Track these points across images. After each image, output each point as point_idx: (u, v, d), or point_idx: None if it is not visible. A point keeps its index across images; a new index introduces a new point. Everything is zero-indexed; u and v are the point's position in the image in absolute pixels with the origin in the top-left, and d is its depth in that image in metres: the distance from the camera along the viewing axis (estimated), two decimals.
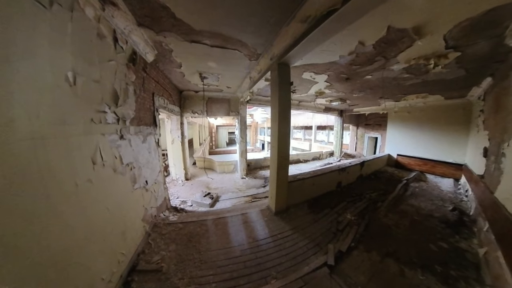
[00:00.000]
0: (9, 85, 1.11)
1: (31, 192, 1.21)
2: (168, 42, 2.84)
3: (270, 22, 2.38)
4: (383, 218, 3.63)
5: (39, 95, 1.32)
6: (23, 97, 1.20)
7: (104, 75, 2.03)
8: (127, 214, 2.39)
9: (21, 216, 1.15)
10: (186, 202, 4.78)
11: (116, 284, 2.00)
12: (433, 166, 7.18)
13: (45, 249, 1.28)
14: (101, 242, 1.87)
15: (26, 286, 1.15)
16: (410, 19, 2.18)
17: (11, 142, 1.12)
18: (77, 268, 1.55)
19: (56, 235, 1.37)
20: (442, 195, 5.03)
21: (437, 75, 3.97)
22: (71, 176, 1.56)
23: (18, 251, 1.12)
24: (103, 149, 1.95)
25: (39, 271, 1.24)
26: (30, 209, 1.21)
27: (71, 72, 1.58)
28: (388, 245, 2.79)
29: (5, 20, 1.09)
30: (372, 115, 10.50)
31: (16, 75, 1.15)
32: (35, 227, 1.23)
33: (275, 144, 3.32)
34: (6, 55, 1.10)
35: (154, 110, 3.46)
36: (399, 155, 8.39)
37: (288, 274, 2.21)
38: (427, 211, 4.01)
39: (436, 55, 3.00)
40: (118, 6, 2.07)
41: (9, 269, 1.06)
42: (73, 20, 1.61)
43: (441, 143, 6.98)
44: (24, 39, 1.21)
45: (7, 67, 1.10)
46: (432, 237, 3.04)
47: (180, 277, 2.16)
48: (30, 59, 1.25)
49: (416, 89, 5.47)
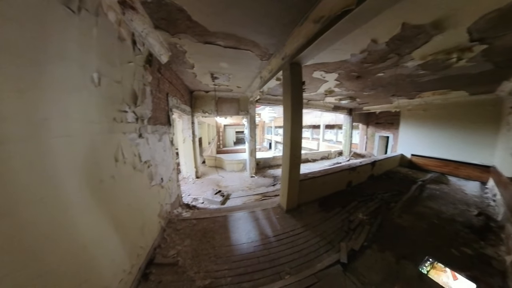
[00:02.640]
0: (44, 86, 1.19)
1: (63, 187, 1.30)
2: (182, 43, 2.92)
3: (284, 23, 2.41)
4: (396, 219, 3.57)
5: (69, 95, 1.40)
6: (55, 97, 1.28)
7: (125, 76, 2.12)
8: (145, 210, 2.49)
9: (56, 208, 1.24)
10: (197, 199, 4.89)
11: (136, 276, 2.09)
12: (456, 168, 6.67)
13: (75, 239, 1.37)
14: (123, 236, 1.96)
15: (61, 268, 1.24)
16: (428, 14, 2.14)
17: (46, 139, 1.21)
18: (103, 259, 1.65)
19: (85, 227, 1.46)
20: (466, 199, 4.75)
21: (460, 69, 3.76)
22: (97, 172, 1.65)
23: (52, 240, 1.20)
24: (124, 147, 2.04)
25: (71, 259, 1.32)
26: (64, 202, 1.30)
27: (96, 74, 1.66)
28: (404, 247, 2.75)
29: (41, 25, 1.16)
30: (383, 114, 10.20)
31: (49, 77, 1.23)
32: (67, 219, 1.32)
33: (287, 143, 3.35)
34: (41, 58, 1.17)
35: (168, 110, 3.57)
36: (413, 155, 8.00)
37: (302, 270, 2.24)
38: (449, 215, 3.84)
39: (459, 49, 2.88)
40: (137, 10, 2.15)
41: (46, 256, 1.16)
42: (98, 24, 1.70)
43: (465, 143, 6.48)
44: (57, 42, 1.28)
45: (42, 69, 1.17)
46: (454, 242, 2.92)
47: (196, 270, 2.23)
48: (61, 61, 1.32)
49: (434, 86, 5.22)
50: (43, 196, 1.15)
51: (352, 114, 10.78)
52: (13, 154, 1.00)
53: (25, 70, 1.07)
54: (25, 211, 1.04)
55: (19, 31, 1.03)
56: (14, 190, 1.00)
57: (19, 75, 1.04)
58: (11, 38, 0.99)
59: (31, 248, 1.07)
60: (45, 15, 1.19)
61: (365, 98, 7.42)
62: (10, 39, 0.98)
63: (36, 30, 1.14)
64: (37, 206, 1.11)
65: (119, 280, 1.80)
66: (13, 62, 1.00)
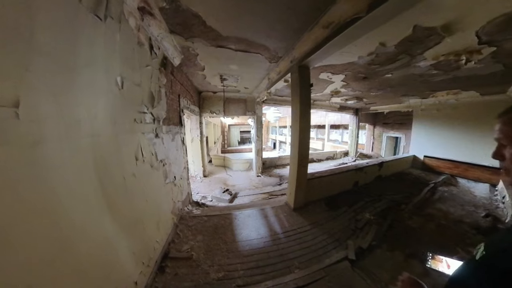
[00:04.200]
0: (75, 89, 1.27)
1: (89, 183, 1.38)
2: (195, 47, 3.03)
3: (294, 28, 2.49)
4: (407, 220, 3.60)
5: (96, 98, 1.49)
6: (85, 100, 1.37)
7: (143, 79, 2.24)
8: (161, 206, 2.61)
9: (86, 203, 1.33)
10: (206, 197, 5.01)
11: (153, 268, 2.21)
12: (466, 170, 6.55)
13: (102, 233, 1.47)
14: (142, 230, 2.09)
15: (92, 259, 1.35)
16: (439, 17, 2.16)
17: (78, 139, 1.30)
18: (126, 252, 1.76)
19: (110, 222, 1.56)
20: (474, 201, 4.76)
21: (469, 70, 3.75)
22: (120, 170, 1.75)
23: (84, 234, 1.29)
24: (143, 147, 2.16)
25: (99, 252, 1.42)
26: (92, 198, 1.39)
27: (120, 77, 1.77)
28: (412, 247, 2.80)
29: (73, 32, 1.25)
30: (391, 114, 10.03)
31: (80, 81, 1.32)
32: (95, 214, 1.41)
33: (295, 143, 3.44)
34: (73, 63, 1.26)
35: (180, 110, 3.69)
36: (426, 156, 7.77)
37: (310, 265, 2.33)
38: (456, 216, 3.87)
39: (468, 51, 2.90)
40: (155, 16, 2.26)
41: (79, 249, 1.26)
42: (121, 30, 1.81)
43: (475, 144, 6.34)
44: (86, 49, 1.37)
45: (74, 74, 1.26)
46: (461, 242, 2.96)
47: (209, 264, 2.35)
48: (90, 66, 1.41)
49: (447, 85, 5.16)
50: (74, 191, 1.23)
51: (359, 114, 10.71)
52: (51, 153, 1.07)
53: (59, 75, 1.15)
54: (60, 206, 1.11)
55: (54, 38, 1.10)
56: (51, 187, 1.06)
57: (54, 79, 1.11)
58: (47, 45, 1.06)
59: (67, 240, 1.14)
60: (76, 23, 1.27)
61: (372, 98, 7.40)
62: (46, 46, 1.05)
63: (69, 37, 1.21)
64: (70, 201, 1.17)
65: (139, 272, 1.92)
66: (49, 67, 1.08)
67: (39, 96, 1.03)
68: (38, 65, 1.01)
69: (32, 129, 0.98)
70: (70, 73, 1.23)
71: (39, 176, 1.01)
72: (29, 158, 0.96)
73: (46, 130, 1.06)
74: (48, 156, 1.06)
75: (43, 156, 1.03)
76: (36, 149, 0.99)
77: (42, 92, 1.04)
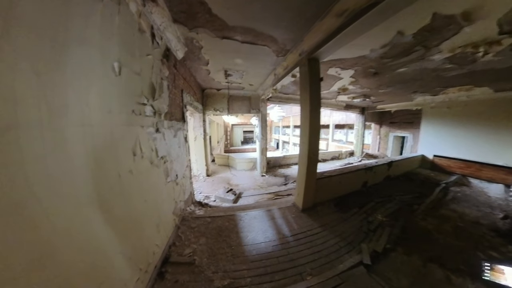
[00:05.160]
0: (64, 69, 1.10)
1: (78, 179, 1.20)
2: (199, 38, 2.87)
3: (305, 17, 2.32)
4: (421, 222, 3.42)
5: (89, 83, 1.31)
6: (76, 83, 1.19)
7: (143, 69, 2.07)
8: (161, 207, 2.44)
9: (72, 202, 1.15)
10: (209, 197, 4.84)
11: (151, 275, 2.03)
12: (478, 170, 6.28)
13: (92, 236, 1.29)
14: (140, 233, 1.91)
15: (78, 267, 1.17)
16: (461, 3, 2.00)
17: (65, 127, 1.12)
18: (121, 258, 1.57)
19: (102, 223, 1.38)
20: (490, 202, 4.57)
21: (486, 64, 3.56)
22: (114, 166, 1.57)
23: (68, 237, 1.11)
24: (142, 141, 1.98)
25: (87, 258, 1.24)
26: (81, 196, 1.21)
27: (117, 63, 1.60)
28: (430, 250, 2.62)
29: (64, 5, 1.10)
30: (399, 112, 9.78)
31: (70, 60, 1.14)
32: (84, 214, 1.23)
33: (305, 141, 3.24)
34: (63, 40, 1.09)
35: (182, 106, 3.53)
36: (436, 156, 7.49)
37: (324, 271, 2.14)
38: (473, 218, 3.68)
39: (487, 42, 2.73)
40: (157, 2, 2.11)
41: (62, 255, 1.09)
42: (120, 13, 1.65)
43: (488, 143, 6.09)
44: (79, 25, 1.21)
45: (63, 52, 1.09)
46: (480, 246, 2.79)
47: (213, 270, 2.16)
48: (83, 45, 1.24)
49: (460, 81, 4.96)
50: (58, 189, 1.05)
51: (365, 113, 10.49)
52: (27, 141, 0.90)
53: (44, 51, 0.98)
54: (39, 205, 0.94)
55: (40, 8, 0.95)
56: (27, 181, 0.90)
57: (37, 55, 0.95)
58: (31, 14, 0.90)
59: (46, 245, 0.98)
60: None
61: (380, 96, 7.18)
62: (30, 16, 0.90)
63: (59, 10, 1.06)
64: (52, 200, 1.01)
65: (136, 279, 1.74)
66: (32, 41, 0.91)
67: (17, 72, 0.86)
68: (18, 37, 0.85)
69: (5, 110, 0.81)
70: (58, 51, 1.06)
71: (12, 168, 0.83)
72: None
73: (23, 113, 0.88)
74: (24, 145, 0.88)
75: (17, 144, 0.86)
76: (8, 135, 0.82)
77: (21, 68, 0.87)
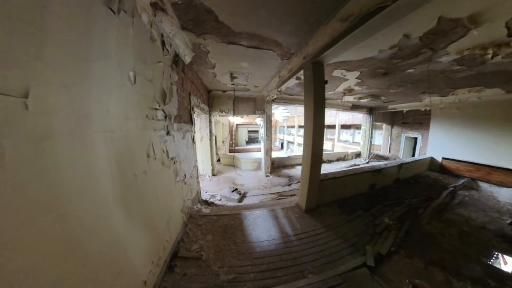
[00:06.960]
0: (88, 82, 1.23)
1: (101, 180, 1.33)
2: (206, 44, 2.98)
3: (309, 22, 2.39)
4: (426, 225, 3.42)
5: (109, 92, 1.44)
6: (97, 93, 1.32)
7: (155, 75, 2.20)
8: (171, 205, 2.57)
9: (96, 201, 1.28)
10: (215, 196, 4.97)
11: (162, 268, 2.17)
12: (488, 173, 6.13)
13: (112, 232, 1.42)
14: (153, 229, 2.05)
15: (101, 259, 1.31)
16: (466, 7, 2.02)
17: (90, 134, 1.25)
18: (137, 251, 1.72)
19: (121, 220, 1.51)
20: (498, 207, 4.47)
21: (495, 65, 3.54)
22: (132, 167, 1.71)
23: (93, 232, 1.24)
24: (154, 144, 2.12)
25: (109, 251, 1.37)
26: (103, 195, 1.34)
27: (132, 72, 1.74)
28: (432, 253, 2.65)
29: (86, 24, 1.21)
30: (411, 113, 9.50)
31: (93, 74, 1.27)
32: (105, 212, 1.36)
33: (309, 142, 3.32)
34: (86, 55, 1.21)
35: (190, 108, 3.66)
36: (445, 158, 7.35)
37: (325, 270, 2.22)
38: (479, 222, 3.65)
39: (495, 44, 2.73)
40: (167, 11, 2.23)
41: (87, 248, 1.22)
42: (134, 25, 1.77)
43: (499, 145, 5.94)
44: (99, 41, 1.33)
45: (86, 66, 1.22)
46: (485, 251, 2.77)
47: (219, 265, 2.28)
48: (103, 59, 1.37)
49: (469, 82, 4.88)
50: (85, 189, 1.18)
51: (373, 113, 10.30)
52: (60, 148, 1.02)
53: (71, 66, 1.10)
54: (69, 204, 1.06)
55: (67, 28, 1.06)
56: (60, 184, 1.01)
57: (66, 70, 1.07)
58: (60, 34, 1.02)
59: (76, 239, 1.10)
60: (89, 14, 1.23)
61: (391, 96, 7.05)
62: (59, 36, 1.01)
63: (82, 28, 1.18)
64: (80, 199, 1.14)
65: (148, 271, 1.87)
66: (61, 58, 1.03)
67: (50, 87, 0.98)
68: (50, 55, 0.97)
69: (42, 122, 0.94)
70: (82, 65, 1.19)
71: (48, 172, 0.96)
72: (37, 153, 0.91)
73: (56, 123, 1.01)
74: (57, 151, 1.01)
75: (52, 150, 0.98)
76: (45, 143, 0.95)
77: (53, 83, 1.00)
